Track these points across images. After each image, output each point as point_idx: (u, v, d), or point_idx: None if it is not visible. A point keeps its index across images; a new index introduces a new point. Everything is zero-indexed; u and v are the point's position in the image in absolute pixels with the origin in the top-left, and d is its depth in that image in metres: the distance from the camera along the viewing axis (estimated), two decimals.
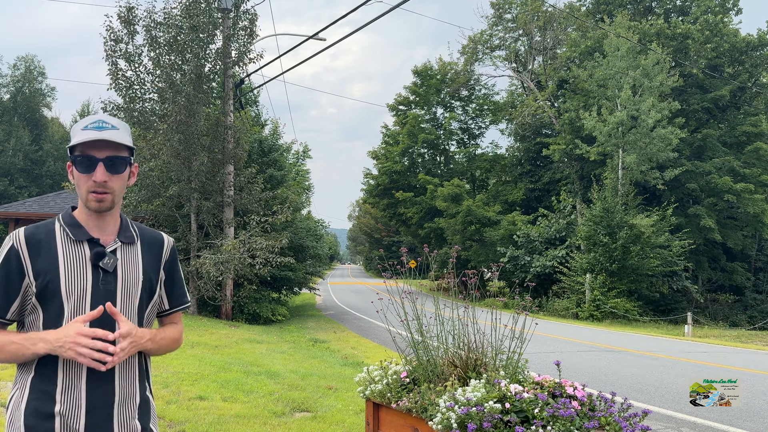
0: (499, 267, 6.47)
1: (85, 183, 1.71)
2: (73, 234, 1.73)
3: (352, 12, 13.72)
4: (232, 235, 16.54)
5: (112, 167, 1.71)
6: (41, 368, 1.66)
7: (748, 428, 6.43)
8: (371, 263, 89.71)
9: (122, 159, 1.73)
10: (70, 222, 1.76)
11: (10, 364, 7.92)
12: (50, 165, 49.29)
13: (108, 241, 1.76)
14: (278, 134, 23.32)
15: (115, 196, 1.74)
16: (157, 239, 1.88)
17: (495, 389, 2.79)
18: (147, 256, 1.82)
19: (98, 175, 1.69)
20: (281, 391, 7.21)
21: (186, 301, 1.97)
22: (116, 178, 1.73)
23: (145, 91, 16.04)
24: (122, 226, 1.81)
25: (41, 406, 1.64)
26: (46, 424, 1.63)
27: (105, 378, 1.68)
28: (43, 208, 19.03)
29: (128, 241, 1.80)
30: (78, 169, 1.71)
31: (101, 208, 1.73)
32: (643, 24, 28.38)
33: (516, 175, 37.01)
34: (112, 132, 1.70)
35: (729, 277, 30.23)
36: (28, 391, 1.67)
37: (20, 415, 1.65)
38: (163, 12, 15.84)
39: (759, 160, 28.47)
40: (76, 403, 1.65)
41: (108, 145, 1.70)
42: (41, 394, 1.65)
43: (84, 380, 1.66)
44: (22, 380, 1.69)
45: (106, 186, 1.71)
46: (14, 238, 1.70)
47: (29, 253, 1.68)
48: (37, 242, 1.70)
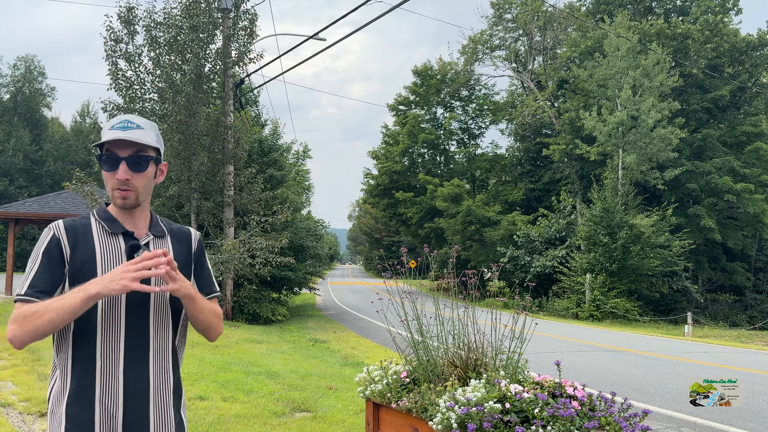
0: (499, 267, 6.43)
1: (110, 181, 1.79)
2: (109, 227, 1.80)
3: (352, 12, 13.72)
4: (232, 235, 16.54)
5: (134, 165, 1.77)
6: (80, 355, 1.71)
7: (748, 428, 6.43)
8: (371, 263, 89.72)
9: (146, 158, 1.80)
10: (105, 216, 1.83)
11: (10, 366, 7.91)
12: (50, 165, 49.30)
13: (141, 234, 1.84)
14: (278, 134, 23.34)
15: (138, 193, 1.80)
16: (186, 232, 1.98)
17: (495, 389, 2.79)
18: (177, 247, 1.91)
19: (120, 173, 1.76)
20: (281, 391, 7.21)
21: (216, 290, 2.03)
22: (139, 176, 1.79)
23: (145, 91, 16.03)
24: (152, 221, 1.90)
25: (81, 394, 1.69)
26: (87, 412, 1.68)
27: (141, 365, 1.75)
28: (43, 208, 19.02)
29: (159, 234, 1.89)
30: (103, 167, 1.79)
31: (125, 205, 1.80)
32: (643, 24, 28.38)
33: (516, 175, 37.01)
34: (136, 131, 1.77)
35: (729, 277, 30.23)
36: (69, 380, 1.71)
37: (62, 404, 1.71)
38: (163, 12, 15.84)
39: (759, 160, 28.47)
40: (114, 390, 1.71)
41: (131, 144, 1.77)
42: (81, 382, 1.70)
43: (122, 367, 1.72)
44: (62, 369, 1.74)
45: (128, 184, 1.77)
46: (54, 228, 1.77)
47: (69, 242, 1.75)
48: (75, 232, 1.77)
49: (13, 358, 8.40)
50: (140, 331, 1.75)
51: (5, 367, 7.76)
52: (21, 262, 41.33)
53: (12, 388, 6.67)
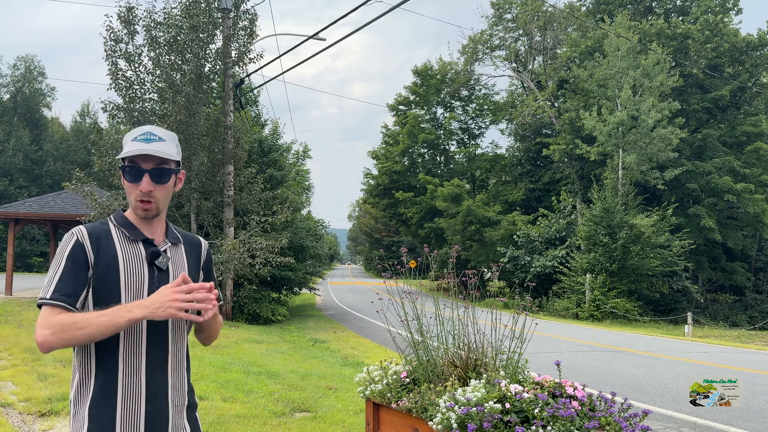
0: (499, 267, 6.42)
1: (133, 192, 1.83)
2: (130, 234, 1.84)
3: (352, 12, 13.72)
4: (232, 235, 16.54)
5: (157, 177, 1.82)
6: (103, 360, 1.74)
7: (748, 428, 6.43)
8: (371, 263, 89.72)
9: (168, 170, 1.85)
10: (124, 223, 1.87)
11: (10, 366, 7.91)
12: (50, 165, 49.28)
13: (159, 242, 1.89)
14: (278, 134, 23.33)
15: (159, 204, 1.85)
16: (196, 242, 2.03)
17: (495, 389, 2.79)
18: (189, 255, 1.96)
19: (144, 185, 1.80)
20: (281, 391, 7.21)
21: (221, 300, 2.05)
22: (161, 188, 1.84)
23: (145, 91, 16.02)
24: (168, 228, 1.95)
25: (104, 396, 1.73)
26: (109, 413, 1.72)
27: (160, 367, 1.80)
28: (43, 208, 19.01)
29: (174, 241, 1.94)
30: (126, 178, 1.83)
31: (147, 216, 1.85)
32: (643, 24, 28.37)
33: (516, 175, 37.00)
34: (159, 144, 1.82)
35: (729, 277, 30.23)
36: (93, 383, 1.75)
37: (84, 405, 1.74)
38: (163, 12, 15.82)
39: (759, 160, 28.47)
40: (136, 392, 1.75)
41: (154, 157, 1.81)
42: (104, 385, 1.73)
43: (143, 370, 1.76)
44: (85, 372, 1.77)
45: (151, 195, 1.82)
46: (78, 233, 1.79)
47: (92, 248, 1.77)
48: (98, 238, 1.80)
49: (13, 358, 8.40)
50: (160, 337, 1.81)
51: (5, 367, 7.76)
52: (21, 262, 41.43)
53: (12, 388, 6.67)
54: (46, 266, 37.53)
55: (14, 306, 14.91)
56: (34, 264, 42.87)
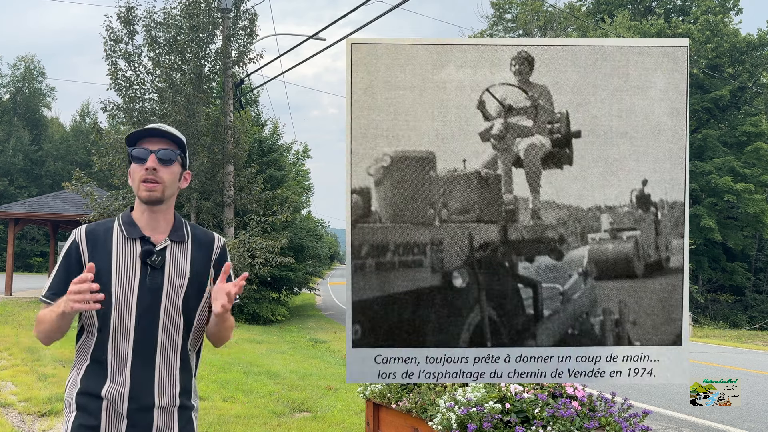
0: None
1: (138, 173, 1.84)
2: (127, 232, 1.87)
3: (352, 12, 13.71)
4: (231, 236, 16.53)
5: (163, 158, 1.85)
6: (94, 352, 1.83)
7: (748, 428, 6.43)
8: None
9: (174, 152, 1.88)
10: (127, 220, 1.90)
11: (10, 366, 7.91)
12: (50, 165, 49.26)
13: (159, 239, 1.89)
14: (278, 134, 23.34)
15: (165, 187, 1.86)
16: (209, 238, 2.02)
17: (495, 389, 2.79)
18: (197, 253, 1.94)
19: (149, 162, 1.83)
20: (281, 391, 7.21)
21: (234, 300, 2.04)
22: (166, 170, 1.86)
23: (145, 91, 16.01)
24: (175, 226, 1.95)
25: (92, 386, 1.81)
26: (95, 402, 1.79)
27: (147, 363, 1.83)
28: (42, 208, 19.00)
29: (179, 239, 1.92)
30: (133, 160, 1.86)
31: (151, 198, 1.85)
32: (643, 24, 28.38)
33: None
34: (166, 127, 1.90)
35: (729, 277, 30.22)
36: (82, 373, 1.84)
37: (73, 393, 1.83)
38: (162, 12, 15.81)
39: (759, 160, 28.46)
40: (121, 386, 1.80)
41: (160, 140, 1.87)
42: (93, 375, 1.82)
43: (129, 365, 1.81)
44: (79, 363, 1.87)
45: (156, 174, 1.83)
46: (76, 234, 1.87)
47: (87, 247, 1.84)
48: (95, 238, 1.86)
49: (13, 358, 8.40)
50: (148, 334, 1.82)
51: (5, 367, 7.76)
52: (21, 262, 41.38)
53: (12, 388, 6.66)
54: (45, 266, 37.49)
55: (14, 306, 14.90)
56: (34, 264, 42.84)
